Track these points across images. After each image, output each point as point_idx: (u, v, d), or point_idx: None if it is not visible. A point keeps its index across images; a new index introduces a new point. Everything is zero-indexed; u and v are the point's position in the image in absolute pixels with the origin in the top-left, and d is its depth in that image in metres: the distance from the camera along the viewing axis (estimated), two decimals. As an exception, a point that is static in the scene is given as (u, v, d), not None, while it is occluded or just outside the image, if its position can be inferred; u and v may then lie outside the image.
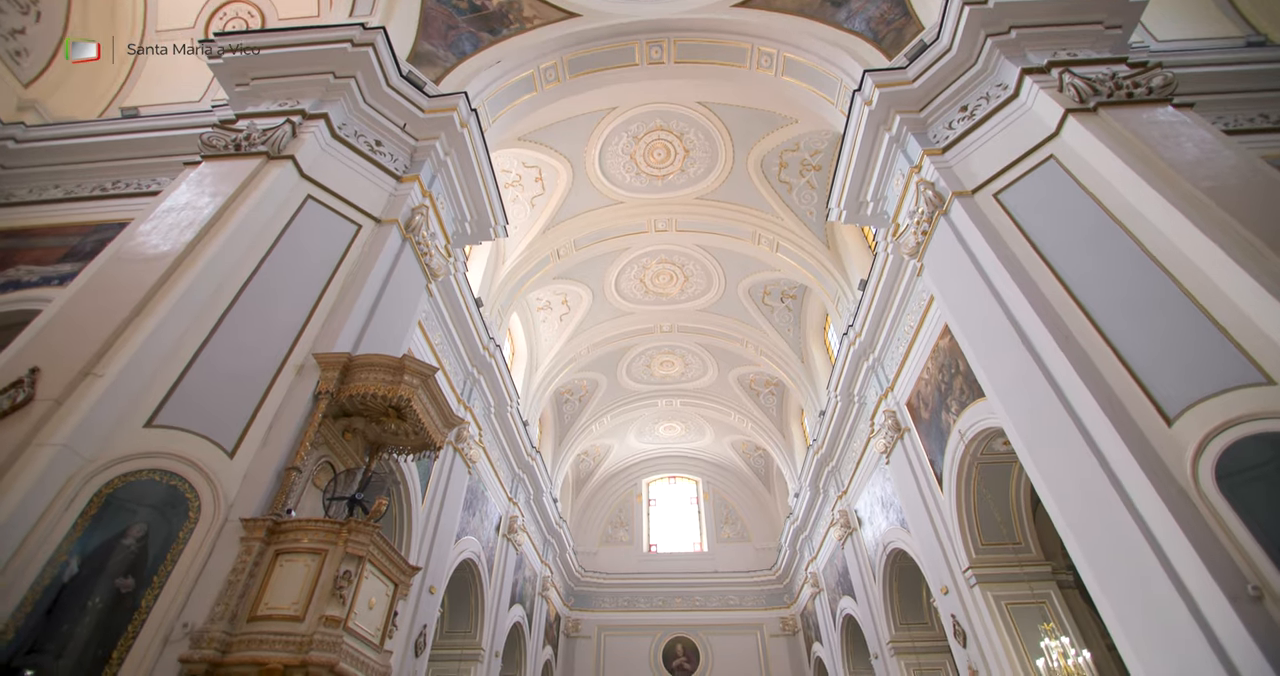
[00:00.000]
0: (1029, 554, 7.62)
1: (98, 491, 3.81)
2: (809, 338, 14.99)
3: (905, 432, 9.25)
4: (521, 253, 12.45)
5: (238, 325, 5.04)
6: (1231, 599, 3.48)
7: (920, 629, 10.68)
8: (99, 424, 4.03)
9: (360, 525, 4.12)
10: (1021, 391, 5.33)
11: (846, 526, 12.41)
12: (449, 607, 11.01)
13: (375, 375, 5.01)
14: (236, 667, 3.66)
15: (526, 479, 13.75)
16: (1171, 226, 4.76)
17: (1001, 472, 7.77)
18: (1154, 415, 4.25)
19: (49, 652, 3.32)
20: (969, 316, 6.21)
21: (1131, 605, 4.16)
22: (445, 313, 9.29)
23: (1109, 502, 4.29)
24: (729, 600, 19.19)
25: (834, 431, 12.33)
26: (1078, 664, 5.85)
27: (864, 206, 8.10)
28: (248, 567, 3.99)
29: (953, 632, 8.00)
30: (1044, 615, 7.03)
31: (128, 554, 3.75)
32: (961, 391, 7.57)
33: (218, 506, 4.18)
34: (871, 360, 10.14)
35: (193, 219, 5.44)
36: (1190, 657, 3.68)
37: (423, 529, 8.60)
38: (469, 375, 10.39)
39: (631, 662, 17.96)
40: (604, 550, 20.48)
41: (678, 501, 22.00)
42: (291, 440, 4.70)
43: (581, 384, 17.60)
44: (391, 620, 4.45)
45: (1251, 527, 3.61)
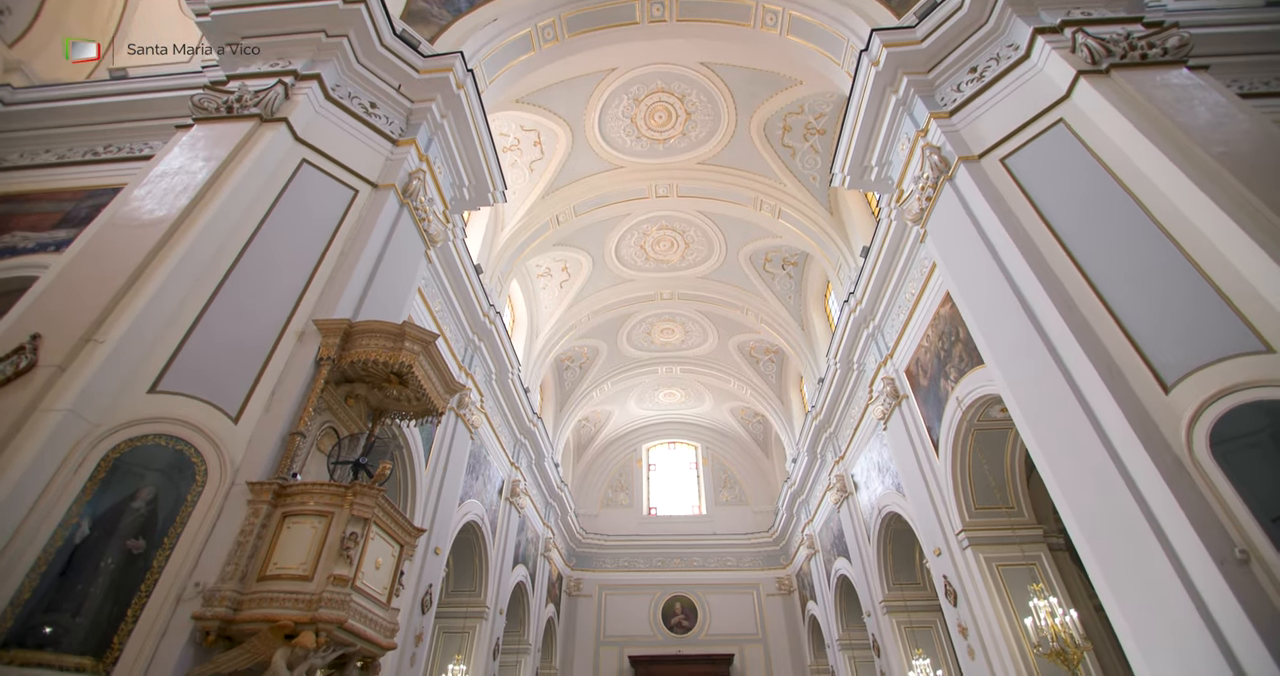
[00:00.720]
0: (1021, 518, 7.77)
1: (105, 456, 3.86)
2: (809, 305, 14.97)
3: (903, 399, 9.32)
4: (520, 219, 12.32)
5: (237, 291, 5.03)
6: (1219, 562, 3.57)
7: (912, 588, 10.98)
8: (103, 389, 4.06)
9: (365, 488, 4.19)
10: (1021, 358, 5.35)
11: (843, 491, 12.63)
12: (454, 567, 11.31)
13: (376, 341, 5.02)
14: (248, 624, 3.78)
15: (528, 444, 13.93)
16: (1179, 192, 4.70)
17: (997, 439, 7.87)
18: (1152, 383, 4.28)
19: (66, 611, 3.42)
20: (971, 283, 6.19)
21: (1120, 566, 4.26)
22: (445, 279, 9.26)
23: (1103, 468, 4.35)
24: (726, 561, 19.69)
25: (832, 398, 12.43)
26: (1065, 622, 6.03)
27: (868, 172, 7.97)
28: (256, 529, 4.07)
29: (944, 592, 8.22)
30: (1034, 576, 7.21)
31: (137, 516, 3.83)
32: (961, 359, 7.60)
33: (224, 470, 4.24)
34: (872, 327, 10.16)
35: (187, 183, 5.37)
36: (1175, 617, 3.79)
37: (426, 492, 8.76)
38: (470, 342, 10.41)
39: (632, 620, 18.54)
40: (605, 513, 20.90)
41: (677, 466, 22.34)
42: (294, 406, 4.74)
43: (582, 351, 17.66)
44: (398, 579, 4.57)
45: (1242, 493, 3.67)
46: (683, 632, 18.37)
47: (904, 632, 10.67)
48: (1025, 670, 6.77)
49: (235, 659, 3.74)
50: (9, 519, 3.43)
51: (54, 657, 3.30)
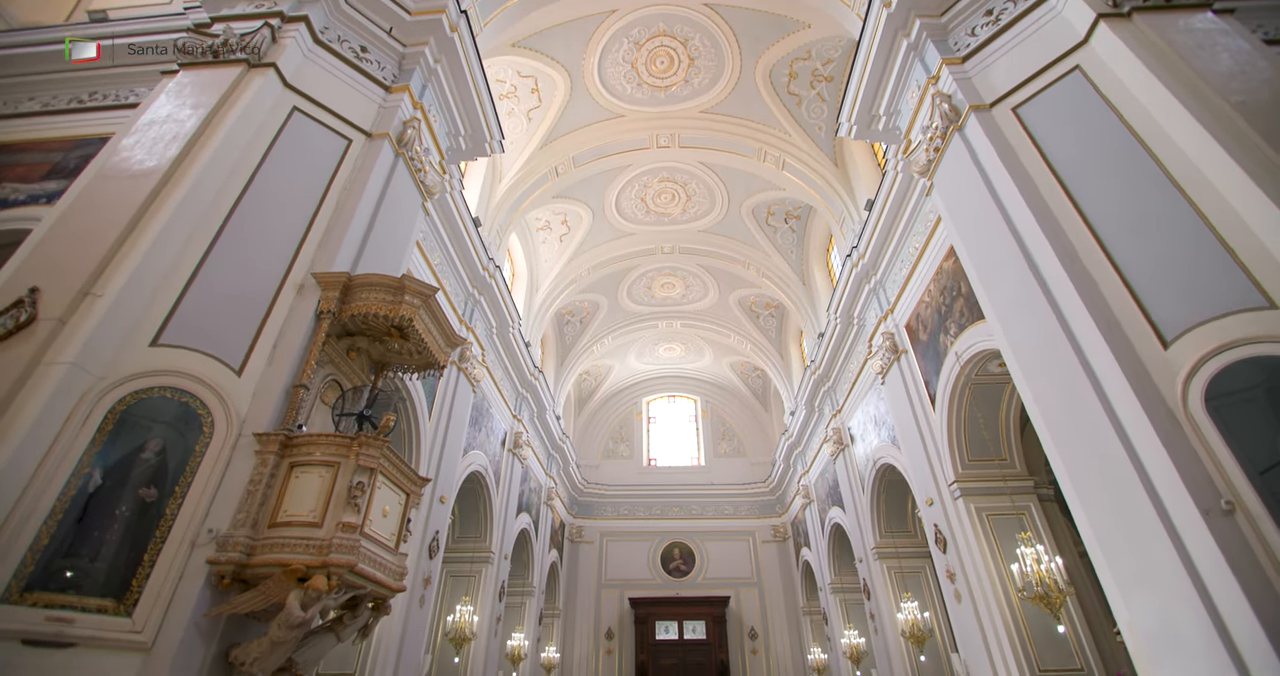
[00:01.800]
0: (1013, 470, 7.94)
1: (111, 408, 3.91)
2: (811, 259, 14.85)
3: (902, 354, 9.37)
4: (519, 170, 12.07)
5: (233, 243, 4.98)
6: (1204, 512, 3.66)
7: (904, 536, 11.34)
8: (105, 343, 4.07)
9: (370, 439, 4.27)
10: (1021, 312, 5.34)
11: (839, 443, 12.86)
12: (459, 515, 11.64)
13: (376, 295, 5.01)
14: (262, 568, 3.92)
15: (530, 397, 14.09)
16: (1193, 143, 4.58)
17: (993, 393, 7.95)
18: (1151, 337, 4.28)
19: (84, 556, 3.54)
20: (975, 236, 6.12)
21: (1106, 515, 4.38)
22: (443, 232, 9.15)
23: (1096, 421, 4.41)
24: (724, 509, 20.27)
25: (832, 353, 12.50)
26: (1050, 568, 6.24)
27: (875, 121, 7.75)
28: (264, 479, 4.17)
29: (934, 540, 8.49)
30: (1022, 525, 7.43)
31: (148, 466, 3.92)
32: (961, 314, 7.60)
33: (230, 422, 4.31)
34: (873, 282, 10.11)
35: (176, 132, 5.24)
36: (1158, 564, 3.92)
37: (431, 443, 8.93)
38: (470, 296, 10.39)
39: (632, 564, 19.26)
40: (606, 464, 21.36)
41: (677, 419, 22.67)
42: (297, 358, 4.77)
43: (583, 305, 17.64)
44: (405, 526, 4.71)
45: (1233, 447, 3.73)
46: (681, 576, 19.11)
47: (894, 577, 11.07)
48: (1009, 613, 7.06)
49: (251, 600, 3.90)
50: (23, 469, 3.51)
51: (76, 599, 3.44)
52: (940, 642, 10.45)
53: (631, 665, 17.71)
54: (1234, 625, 3.46)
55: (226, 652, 3.94)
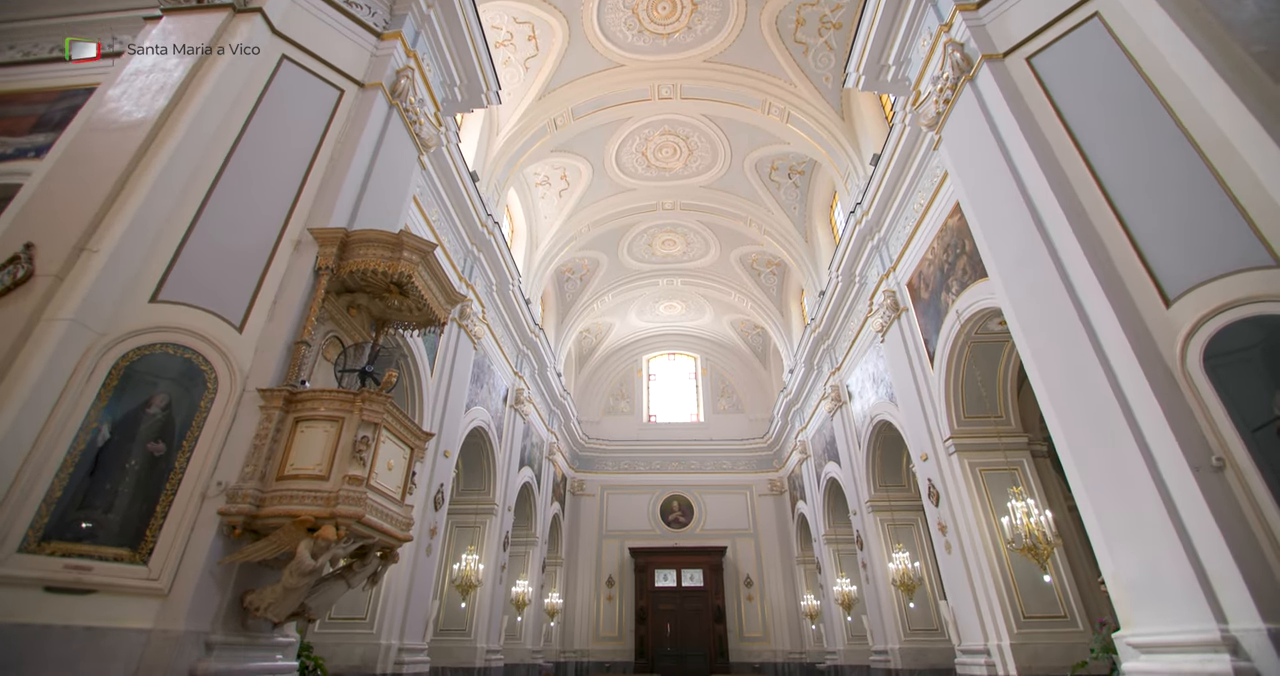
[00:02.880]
0: (1008, 427, 8.05)
1: (115, 364, 3.94)
2: (814, 216, 14.65)
3: (903, 312, 9.36)
4: (516, 123, 11.77)
5: (228, 198, 4.90)
6: (1195, 468, 3.73)
7: (897, 490, 11.61)
8: (104, 299, 4.06)
9: (373, 395, 4.31)
10: (1025, 269, 5.30)
11: (837, 400, 13.00)
12: (463, 469, 11.89)
13: (374, 251, 4.97)
14: (271, 519, 4.02)
15: (531, 355, 14.17)
16: (1211, 94, 4.44)
17: (993, 351, 7.99)
18: (1154, 296, 4.27)
19: (98, 508, 3.64)
20: (983, 191, 6.02)
21: (1098, 469, 4.47)
22: (440, 187, 9.00)
23: (1093, 378, 4.44)
24: (722, 464, 20.68)
25: (832, 311, 12.49)
26: (1039, 521, 6.41)
27: (884, 71, 7.50)
28: (270, 433, 4.23)
29: (927, 494, 8.69)
30: (1014, 480, 7.59)
31: (155, 421, 3.97)
32: (964, 272, 7.55)
33: (234, 378, 4.35)
34: (877, 239, 10.01)
35: (163, 82, 5.09)
36: (1145, 517, 4.02)
37: (433, 400, 9.03)
38: (469, 253, 10.30)
39: (632, 516, 19.82)
40: (606, 419, 21.67)
41: (677, 376, 22.86)
42: (297, 315, 4.77)
43: (582, 263, 17.51)
44: (410, 479, 4.81)
45: (1227, 406, 3.77)
46: (680, 527, 19.68)
47: (886, 529, 11.39)
48: (998, 563, 7.29)
49: (263, 549, 4.02)
50: (32, 423, 3.56)
51: (93, 549, 3.55)
52: (929, 591, 10.84)
53: (631, 610, 18.46)
54: (1215, 577, 3.58)
55: (241, 598, 4.09)
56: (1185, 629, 3.68)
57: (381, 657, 7.54)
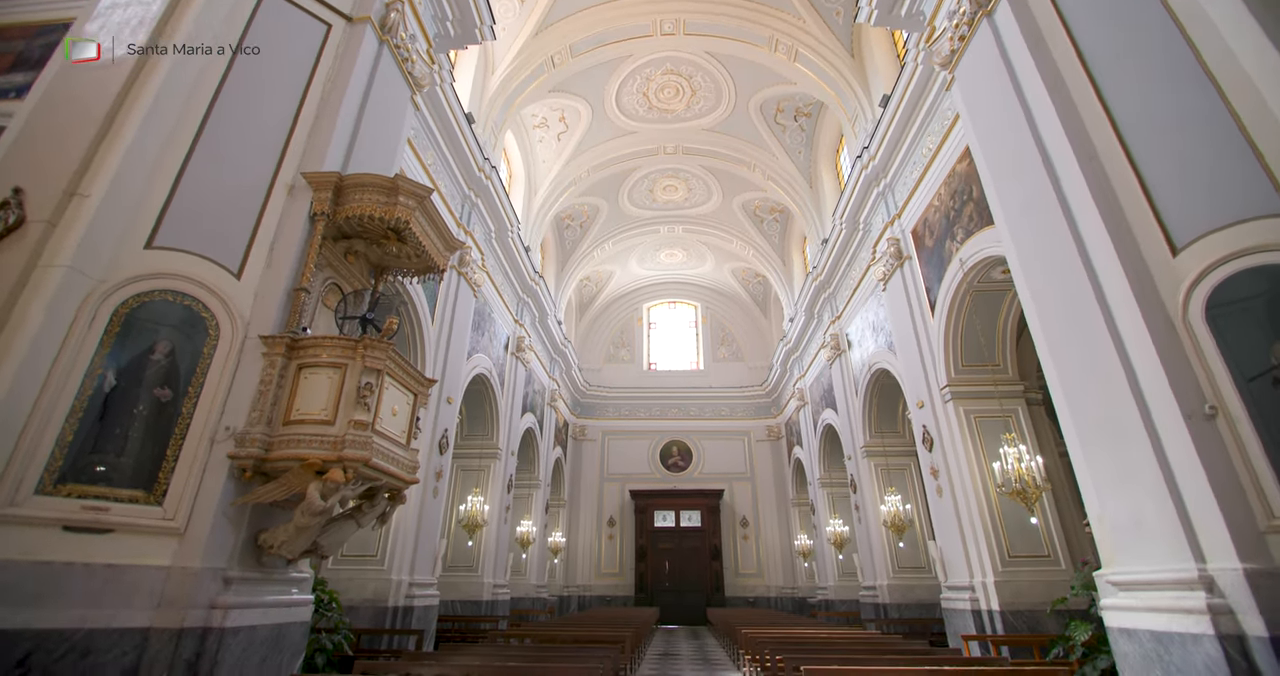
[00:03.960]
0: (1005, 375, 8.13)
1: (115, 311, 3.93)
2: (820, 161, 14.30)
3: (906, 261, 9.28)
4: (512, 60, 11.30)
5: (217, 140, 4.76)
6: (1187, 416, 3.78)
7: (893, 437, 11.85)
8: (99, 245, 4.01)
9: (375, 342, 4.33)
10: (1032, 215, 5.21)
11: (836, 348, 13.07)
12: (467, 415, 12.09)
13: (369, 196, 4.88)
14: (280, 462, 4.12)
15: (531, 302, 14.15)
16: (1239, 34, 4.23)
17: (994, 300, 7.97)
18: (1161, 244, 4.21)
19: (110, 452, 3.72)
20: (994, 134, 5.85)
21: (1091, 414, 4.54)
22: (435, 130, 8.74)
23: (1093, 325, 4.44)
24: (721, 411, 21.03)
25: (835, 259, 12.38)
26: (1030, 467, 6.56)
27: (899, 4, 7.14)
28: (274, 379, 4.28)
29: (921, 439, 8.86)
30: (1007, 427, 7.73)
31: (159, 368, 4.00)
32: (970, 219, 7.43)
33: (235, 325, 4.35)
34: (883, 185, 9.81)
35: (142, 16, 4.85)
36: (1134, 463, 4.11)
37: (435, 347, 9.08)
38: (466, 198, 10.12)
39: (632, 460, 20.35)
40: (607, 367, 21.88)
41: (677, 324, 22.91)
42: (295, 262, 4.73)
43: (582, 209, 17.22)
44: (414, 424, 4.89)
45: (1225, 356, 3.78)
46: (678, 471, 20.23)
47: (880, 473, 11.70)
48: (987, 506, 7.52)
49: (274, 491, 4.14)
50: (37, 369, 3.59)
51: (108, 490, 3.65)
52: (919, 532, 11.24)
53: (632, 549, 19.23)
54: (1198, 519, 3.69)
55: (256, 537, 4.24)
56: (1164, 567, 3.82)
57: (393, 591, 7.90)
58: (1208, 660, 3.42)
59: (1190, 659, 3.53)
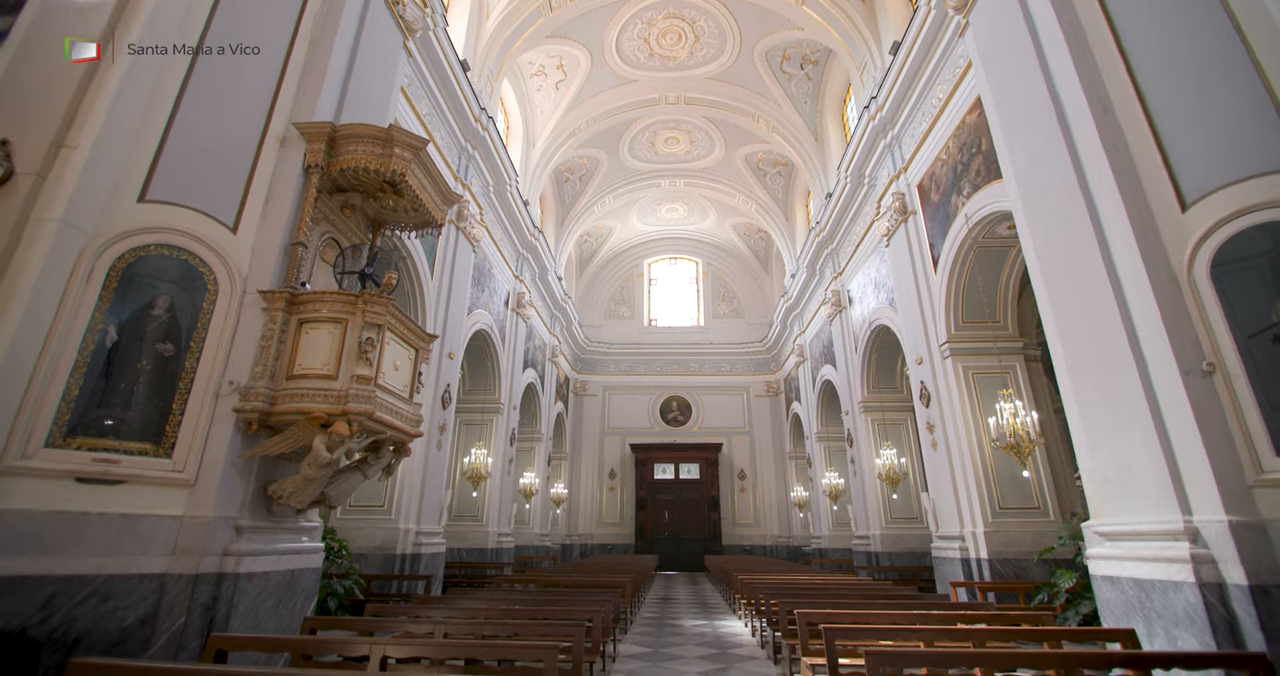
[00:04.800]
0: (1005, 332, 8.14)
1: (112, 266, 3.90)
2: (826, 112, 13.90)
3: (911, 216, 9.15)
4: (508, 2, 10.83)
5: (205, 89, 4.61)
6: (1184, 372, 3.81)
7: (890, 392, 11.96)
8: (91, 199, 3.95)
9: (374, 297, 4.32)
10: (1042, 168, 5.10)
11: (837, 305, 13.05)
12: (468, 371, 12.19)
13: (363, 147, 4.77)
14: (285, 416, 4.18)
15: (531, 258, 14.03)
16: (1270, -24, 4.04)
17: (997, 257, 7.90)
18: (1171, 199, 4.14)
19: (116, 406, 3.76)
20: (1007, 83, 5.67)
21: (1088, 369, 4.57)
22: (429, 77, 8.47)
23: (1096, 280, 4.42)
24: (720, 367, 21.19)
25: (839, 214, 12.21)
26: (1024, 422, 6.65)
27: (912, -57, 6.80)
28: (276, 334, 4.29)
29: (919, 395, 8.95)
30: (1005, 383, 7.79)
31: (160, 323, 4.01)
32: (978, 173, 7.28)
33: (233, 280, 4.33)
34: (890, 137, 9.57)
35: (117, -47, 4.61)
36: (1128, 417, 4.16)
37: (435, 303, 9.06)
38: (463, 150, 9.89)
39: (633, 415, 20.64)
40: (607, 324, 21.91)
41: (678, 281, 22.80)
42: (291, 215, 4.67)
43: (582, 162, 16.86)
44: (417, 379, 4.94)
45: (1227, 314, 3.77)
46: (678, 426, 20.55)
47: (876, 428, 11.87)
48: (980, 460, 7.67)
49: (280, 443, 4.21)
50: (39, 324, 3.59)
51: (117, 443, 3.71)
52: (912, 484, 11.50)
53: (632, 499, 19.74)
54: (1187, 473, 3.76)
55: (265, 488, 4.35)
56: (1152, 519, 3.93)
57: (401, 540, 8.15)
58: (1187, 606, 3.55)
59: (1170, 605, 3.67)
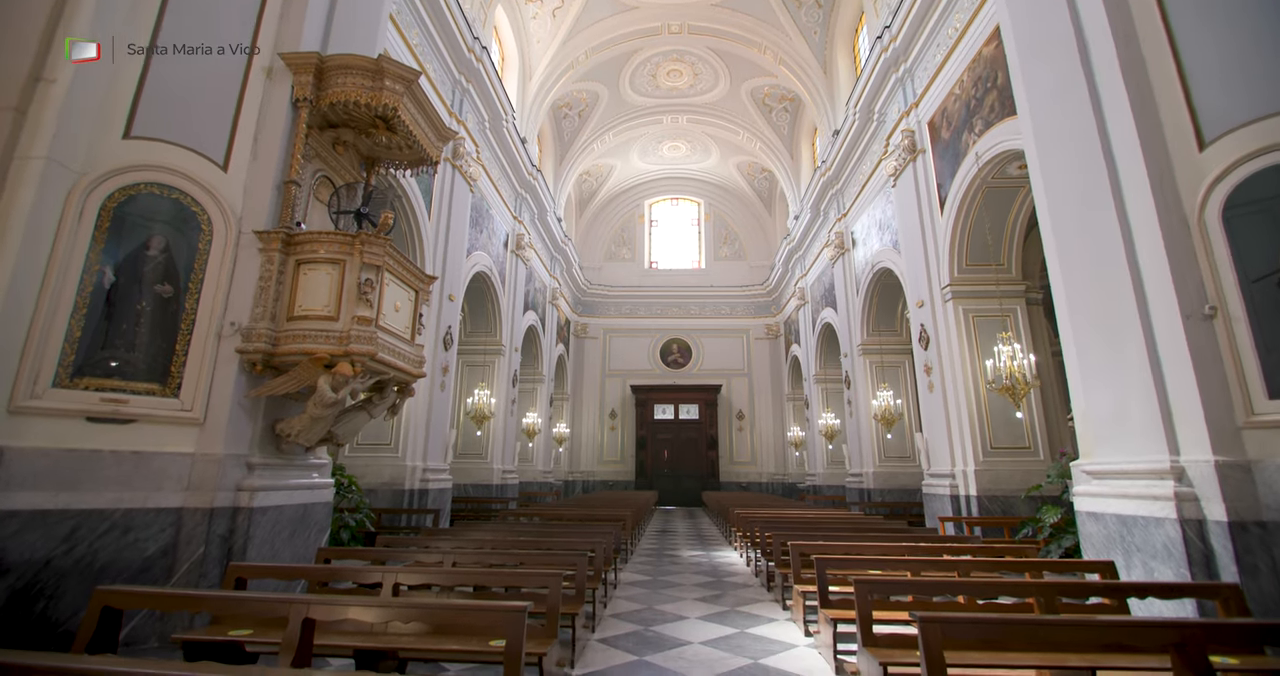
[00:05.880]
0: (1008, 275, 8.09)
1: (103, 205, 3.82)
2: (836, 43, 13.26)
3: (920, 154, 8.91)
4: (501, -81, 10.12)
5: (185, 15, 4.37)
6: (1185, 315, 3.80)
7: (890, 335, 12.02)
8: (74, 135, 3.82)
9: (371, 237, 4.27)
10: (1059, 101, 4.90)
11: (840, 247, 12.90)
12: (469, 313, 12.20)
13: (353, 79, 4.58)
14: (289, 357, 4.21)
15: (529, 198, 13.76)
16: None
17: (1006, 197, 7.74)
18: (1189, 138, 4.00)
19: (120, 347, 3.78)
20: (1028, 10, 5.37)
21: (1089, 311, 4.56)
22: (420, 4, 8.03)
23: (1105, 221, 4.34)
24: (721, 309, 21.21)
25: (845, 152, 11.88)
26: (1021, 365, 6.71)
27: None
28: (274, 275, 4.26)
29: (918, 338, 9.00)
30: (1004, 326, 7.81)
31: (157, 264, 3.97)
32: (991, 109, 7.03)
33: (227, 220, 4.26)
34: (902, 70, 9.18)
35: None
36: (1124, 361, 4.19)
37: (433, 244, 8.96)
38: (456, 83, 9.51)
39: (633, 357, 20.84)
40: (608, 266, 21.74)
41: (679, 222, 22.45)
42: (281, 152, 4.54)
43: (581, 96, 16.24)
44: (418, 321, 4.95)
45: (1235, 257, 3.71)
46: (678, 367, 20.78)
47: (874, 370, 12.00)
48: (975, 401, 7.79)
49: (285, 383, 4.27)
50: (35, 264, 3.55)
51: (123, 384, 3.75)
52: (907, 424, 11.73)
53: (632, 439, 20.24)
54: (1179, 415, 3.82)
55: (273, 426, 4.44)
56: (1140, 458, 4.02)
57: (408, 476, 8.40)
58: (1167, 540, 3.70)
59: (1150, 539, 3.82)
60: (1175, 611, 3.53)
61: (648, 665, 3.63)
